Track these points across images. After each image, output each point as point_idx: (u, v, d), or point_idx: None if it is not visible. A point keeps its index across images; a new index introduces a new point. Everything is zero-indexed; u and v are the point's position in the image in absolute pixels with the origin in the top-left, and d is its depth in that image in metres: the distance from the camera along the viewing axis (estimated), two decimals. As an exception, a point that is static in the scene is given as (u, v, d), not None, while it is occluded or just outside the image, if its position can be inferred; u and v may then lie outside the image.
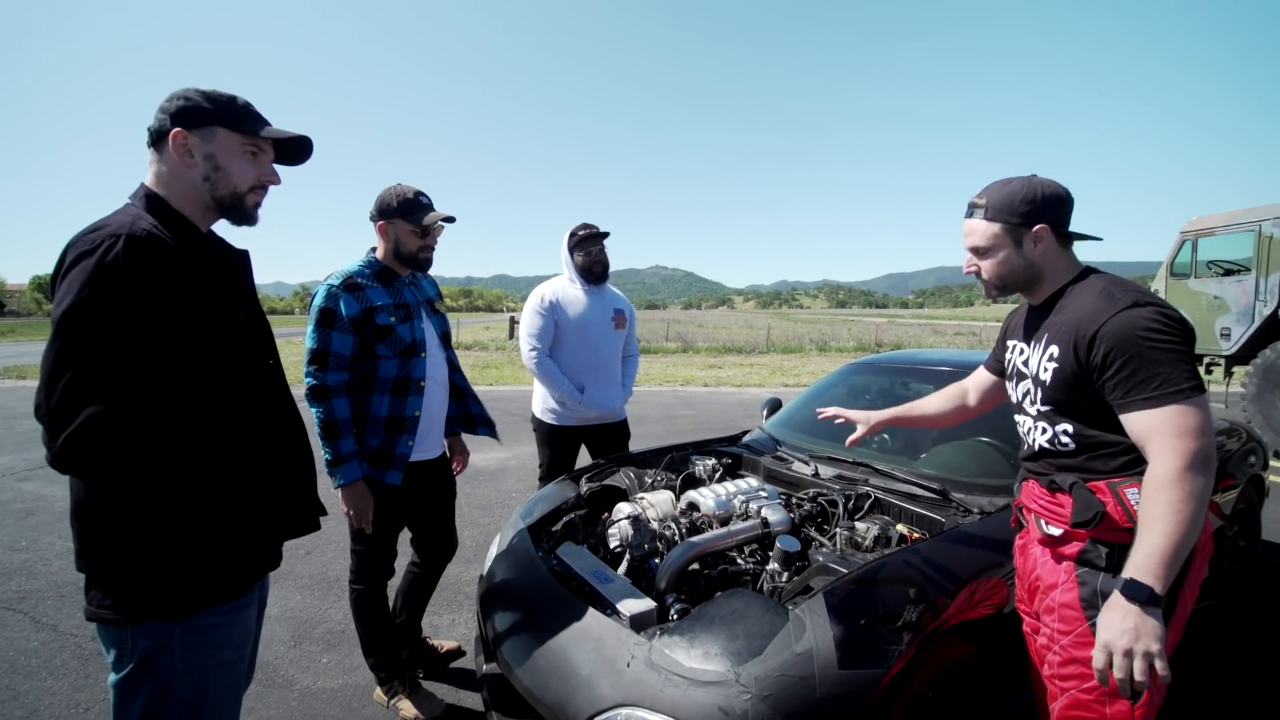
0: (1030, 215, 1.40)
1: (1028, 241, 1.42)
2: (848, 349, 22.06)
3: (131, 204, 1.21)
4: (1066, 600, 1.37)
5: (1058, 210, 1.41)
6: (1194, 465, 1.18)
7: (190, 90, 1.23)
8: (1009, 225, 1.41)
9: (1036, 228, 1.40)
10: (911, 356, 3.36)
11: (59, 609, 3.05)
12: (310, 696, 2.42)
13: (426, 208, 2.15)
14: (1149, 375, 1.24)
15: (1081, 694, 1.34)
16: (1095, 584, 1.33)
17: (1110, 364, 1.28)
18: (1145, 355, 1.24)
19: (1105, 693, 1.30)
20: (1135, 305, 1.29)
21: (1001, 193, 1.43)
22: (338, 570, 3.52)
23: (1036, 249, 1.42)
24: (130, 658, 1.14)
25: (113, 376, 1.03)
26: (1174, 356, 1.24)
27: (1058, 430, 1.42)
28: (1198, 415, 1.21)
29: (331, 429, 2.00)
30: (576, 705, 1.48)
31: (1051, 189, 1.41)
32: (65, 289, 1.05)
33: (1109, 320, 1.29)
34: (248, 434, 1.23)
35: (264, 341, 1.32)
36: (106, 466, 1.05)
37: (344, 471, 2.01)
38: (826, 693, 1.33)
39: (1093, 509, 1.32)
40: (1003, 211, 1.42)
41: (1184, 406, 1.21)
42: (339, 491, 2.04)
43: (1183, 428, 1.20)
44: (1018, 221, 1.40)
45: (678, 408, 9.49)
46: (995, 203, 1.43)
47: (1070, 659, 1.36)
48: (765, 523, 2.05)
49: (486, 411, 2.53)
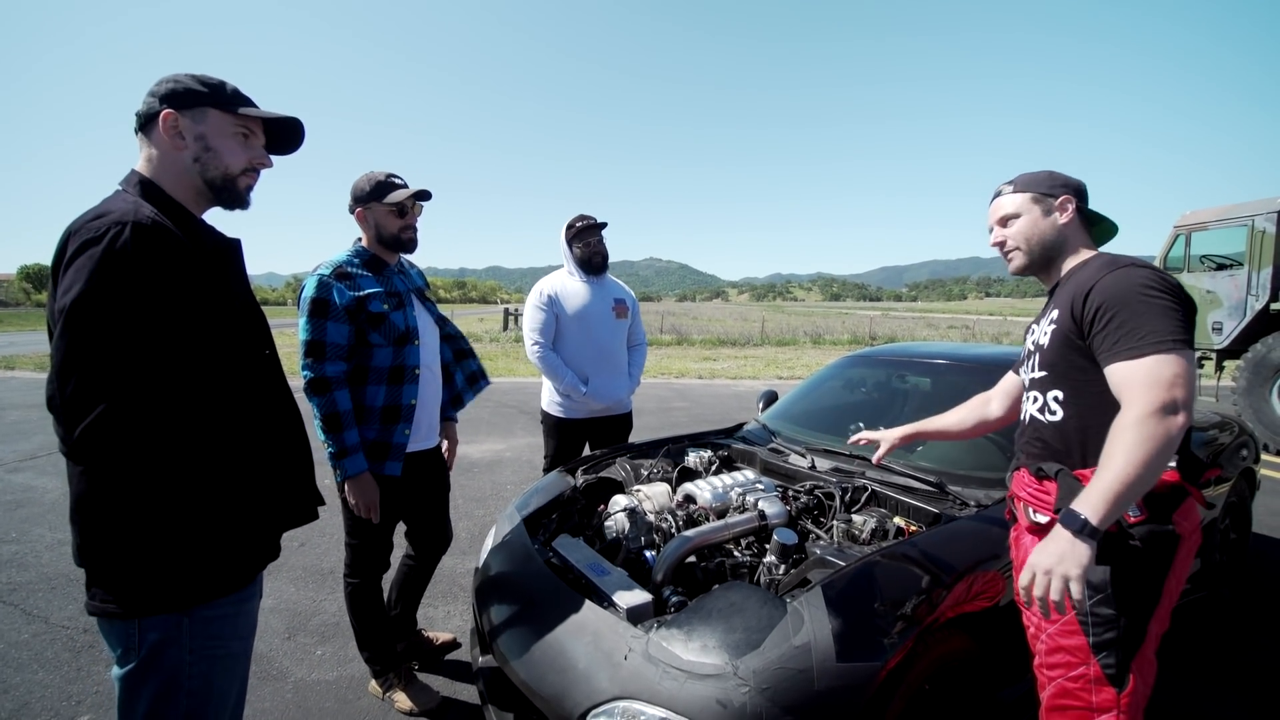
0: (1055, 189, 1.49)
1: (1055, 212, 1.49)
2: (842, 341, 22.11)
3: (126, 190, 1.18)
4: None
5: (1080, 192, 1.50)
6: (1158, 411, 1.17)
7: (180, 74, 1.22)
8: (1037, 194, 1.50)
9: (1063, 197, 1.48)
10: (907, 349, 3.36)
11: (50, 601, 3.03)
12: (305, 688, 2.41)
13: (400, 187, 2.13)
14: (1135, 327, 1.25)
15: (1068, 682, 1.36)
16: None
17: (1101, 316, 1.30)
18: (1135, 308, 1.26)
19: (1091, 680, 1.32)
20: (1133, 265, 1.33)
21: (1029, 175, 1.54)
22: (332, 562, 3.51)
23: (1062, 217, 1.48)
24: (138, 651, 1.13)
25: (126, 367, 1.02)
26: (1164, 311, 1.25)
27: (1048, 398, 1.45)
28: (1175, 366, 1.21)
29: (335, 421, 1.97)
30: (574, 698, 1.47)
31: (1073, 179, 1.51)
32: (72, 278, 1.03)
33: (1105, 276, 1.33)
34: (248, 423, 1.22)
35: (260, 331, 1.31)
36: (122, 457, 1.04)
37: (349, 464, 1.98)
38: (825, 685, 1.33)
39: (1076, 494, 1.31)
40: (1030, 185, 1.52)
41: (1164, 357, 1.21)
42: (341, 484, 2.02)
43: (1157, 377, 1.20)
44: (1044, 191, 1.50)
45: (672, 400, 9.49)
46: (1023, 179, 1.54)
47: (1057, 647, 1.38)
48: (762, 515, 2.05)
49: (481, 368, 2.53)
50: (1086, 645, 1.33)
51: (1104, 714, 1.32)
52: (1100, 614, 1.32)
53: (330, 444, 1.98)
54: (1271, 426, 6.51)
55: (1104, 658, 1.32)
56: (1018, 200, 1.52)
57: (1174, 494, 1.33)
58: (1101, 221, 1.54)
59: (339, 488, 2.14)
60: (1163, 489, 1.33)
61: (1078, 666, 1.34)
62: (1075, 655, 1.35)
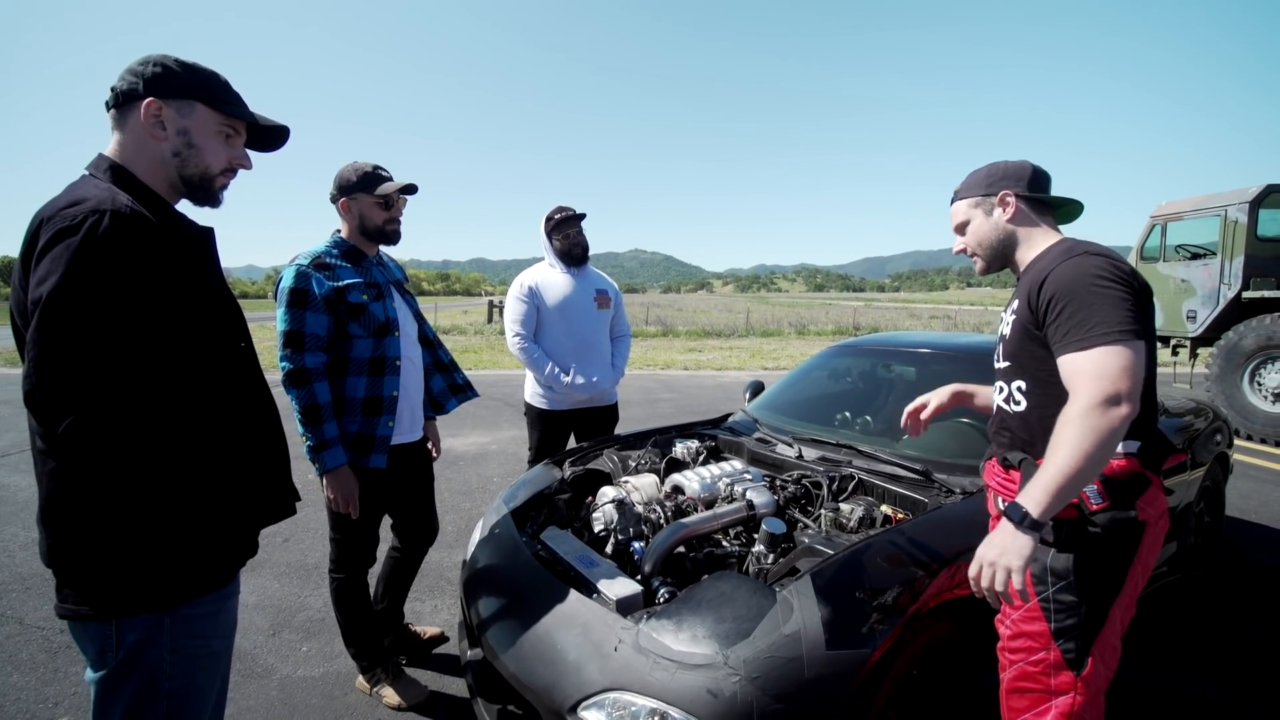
0: (993, 185, 1.51)
1: (996, 210, 1.50)
2: (826, 332, 22.26)
3: (94, 175, 1.13)
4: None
5: (1020, 179, 1.49)
6: (1102, 403, 1.18)
7: (168, 58, 1.15)
8: (976, 198, 1.53)
9: (1000, 194, 1.49)
10: (893, 339, 3.38)
11: (25, 601, 2.96)
12: (290, 685, 2.38)
13: (387, 180, 2.11)
14: (1085, 318, 1.25)
15: (1029, 666, 1.38)
16: (1045, 560, 1.35)
17: (1054, 307, 1.30)
18: (1085, 299, 1.26)
19: (1050, 665, 1.35)
20: (1087, 254, 1.32)
21: (970, 177, 1.57)
22: (315, 557, 3.47)
23: (1005, 215, 1.49)
24: (115, 653, 1.09)
25: (107, 361, 0.99)
26: (1114, 301, 1.24)
27: (1013, 388, 1.46)
28: (1121, 357, 1.21)
29: (314, 414, 1.94)
30: (564, 690, 1.47)
31: (1015, 163, 1.51)
32: (47, 268, 0.98)
33: (1059, 266, 1.33)
34: (225, 417, 1.19)
35: (235, 323, 1.27)
36: (105, 453, 1.01)
37: (328, 457, 1.95)
38: (815, 673, 1.34)
39: None
40: (970, 188, 1.55)
41: (1111, 348, 1.21)
42: (321, 478, 1.99)
43: (1103, 368, 1.21)
44: (983, 193, 1.52)
45: (658, 391, 9.50)
46: (965, 184, 1.57)
47: (1019, 632, 1.40)
48: (750, 505, 2.05)
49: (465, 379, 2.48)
50: (1048, 631, 1.35)
51: (1061, 696, 1.35)
52: (1062, 601, 1.33)
53: (309, 437, 1.95)
54: (1243, 412, 6.68)
55: (1064, 643, 1.33)
56: (962, 208, 1.56)
57: (1135, 481, 1.34)
58: (1064, 204, 1.53)
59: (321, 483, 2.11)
60: (1124, 475, 1.33)
61: (1038, 652, 1.37)
62: (1036, 641, 1.37)
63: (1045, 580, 1.35)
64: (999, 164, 1.52)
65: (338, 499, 2.00)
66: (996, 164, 1.53)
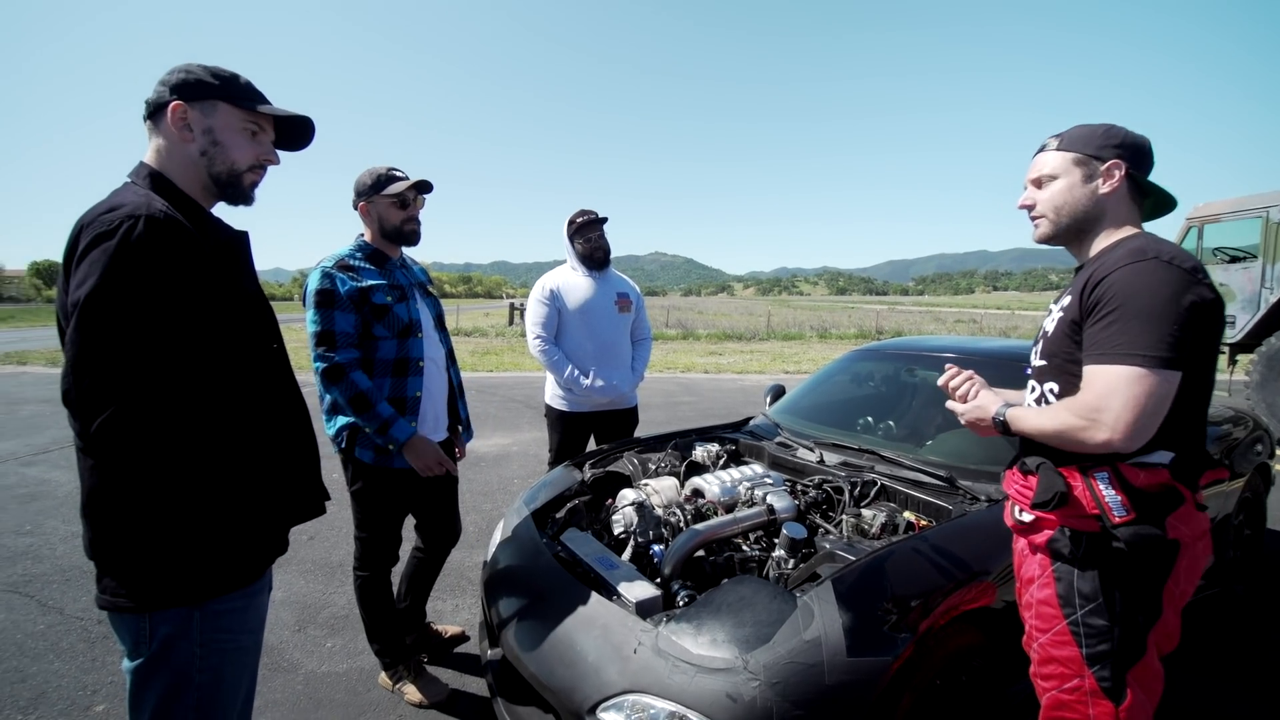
0: (1106, 150, 1.31)
1: (1098, 177, 1.32)
2: (848, 336, 22.04)
3: (135, 183, 1.18)
4: (1043, 597, 1.32)
5: (1137, 156, 1.31)
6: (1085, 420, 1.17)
7: (192, 64, 1.20)
8: (1082, 155, 1.33)
9: (1111, 162, 1.30)
10: (916, 343, 3.33)
11: (65, 592, 3.06)
12: (316, 680, 2.42)
13: (401, 180, 2.15)
14: (1119, 331, 1.16)
15: (1063, 694, 1.30)
16: (1072, 579, 1.27)
17: (1100, 310, 1.20)
18: (1131, 311, 1.16)
19: (1087, 693, 1.26)
20: (1158, 260, 1.18)
21: (1080, 129, 1.36)
22: (340, 555, 3.53)
23: (1104, 186, 1.31)
24: (149, 645, 1.13)
25: (140, 361, 1.02)
26: (1159, 320, 1.14)
27: (1045, 389, 1.37)
28: (1135, 384, 1.13)
29: (362, 401, 1.98)
30: (583, 691, 1.48)
31: (1136, 136, 1.32)
32: (85, 272, 1.02)
33: (1124, 268, 1.20)
34: (257, 417, 1.22)
35: (268, 325, 1.31)
36: (137, 451, 1.04)
37: (396, 432, 2.00)
38: (835, 680, 1.33)
39: (1053, 489, 1.25)
40: (1078, 142, 1.34)
41: (1128, 370, 1.14)
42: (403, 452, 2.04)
43: (1109, 386, 1.14)
44: (1091, 153, 1.32)
45: (679, 394, 9.49)
46: (1072, 135, 1.35)
47: (1049, 657, 1.31)
48: (771, 509, 2.04)
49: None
50: (1080, 657, 1.26)
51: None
52: (1093, 625, 1.24)
53: (369, 422, 1.99)
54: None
55: (1099, 670, 1.24)
56: (1058, 160, 1.35)
57: (1166, 495, 1.21)
58: (1156, 192, 1.36)
59: (347, 481, 2.15)
60: (1153, 489, 1.21)
61: (1071, 679, 1.27)
62: (1068, 667, 1.28)
63: (1073, 602, 1.26)
64: (1118, 128, 1.32)
65: (427, 465, 2.06)
66: (1115, 127, 1.32)
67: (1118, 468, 1.22)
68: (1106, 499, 1.21)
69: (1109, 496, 1.21)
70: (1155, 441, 1.19)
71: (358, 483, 2.12)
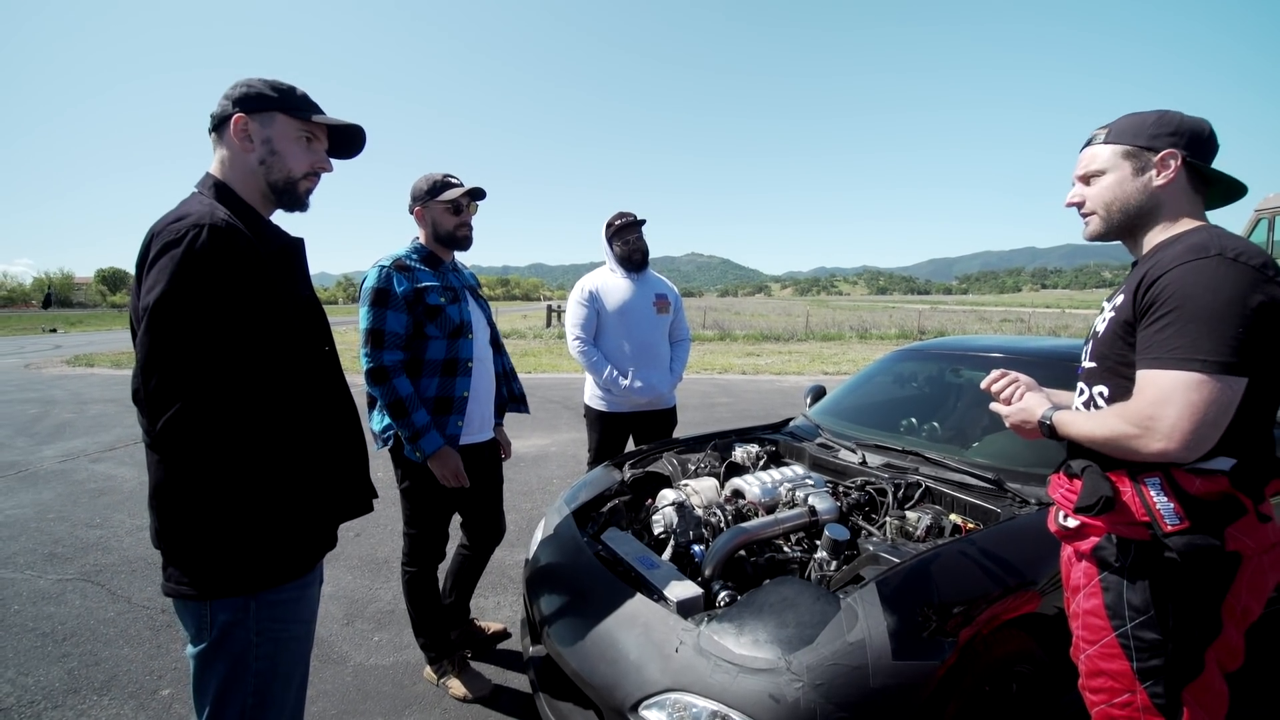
0: (1158, 139, 1.23)
1: (1151, 169, 1.23)
2: (889, 336, 21.57)
3: (201, 192, 1.25)
4: (1090, 607, 1.27)
5: (1195, 142, 1.22)
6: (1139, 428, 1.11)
7: (254, 79, 1.27)
8: (1132, 148, 1.25)
9: (1165, 152, 1.22)
10: (961, 343, 3.25)
11: (131, 582, 3.23)
12: (364, 673, 2.50)
13: (456, 186, 2.21)
14: (1177, 333, 1.08)
15: (1113, 709, 1.24)
16: (1121, 589, 1.21)
17: (1156, 311, 1.13)
18: (1191, 313, 1.08)
19: (1139, 709, 1.20)
20: (1222, 258, 1.10)
21: (1129, 119, 1.28)
22: (386, 552, 3.63)
23: (1159, 178, 1.22)
24: (210, 631, 1.19)
25: (205, 363, 1.08)
26: (1222, 322, 1.06)
27: (1094, 392, 1.30)
28: (1195, 391, 1.06)
29: (400, 408, 2.04)
30: (625, 689, 1.49)
31: (1192, 121, 1.23)
32: (154, 278, 1.09)
33: (1183, 265, 1.12)
34: (310, 417, 1.27)
35: (320, 328, 1.36)
36: (200, 447, 1.10)
37: (425, 443, 2.06)
38: (880, 684, 1.31)
39: (1098, 494, 1.19)
40: (1126, 133, 1.26)
41: (1186, 376, 1.07)
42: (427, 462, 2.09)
43: (1165, 394, 1.07)
44: (1142, 145, 1.24)
45: (716, 395, 9.44)
46: (1120, 126, 1.28)
47: (1097, 670, 1.26)
48: (813, 511, 2.03)
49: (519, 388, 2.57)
50: (1130, 671, 1.20)
51: None
52: (1144, 638, 1.18)
53: (403, 429, 2.05)
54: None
55: (1151, 685, 1.18)
56: (1105, 154, 1.27)
57: (1225, 504, 1.13)
58: (1221, 179, 1.26)
59: (397, 479, 2.21)
60: (1211, 496, 1.13)
61: (1122, 693, 1.21)
62: (1118, 680, 1.22)
63: (1122, 614, 1.20)
64: (1172, 114, 1.23)
65: (446, 476, 2.10)
66: (1169, 113, 1.23)
67: (1171, 473, 1.15)
68: (1158, 506, 1.15)
69: (1160, 503, 1.14)
70: (1215, 448, 1.11)
71: (407, 481, 2.19)
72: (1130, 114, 1.29)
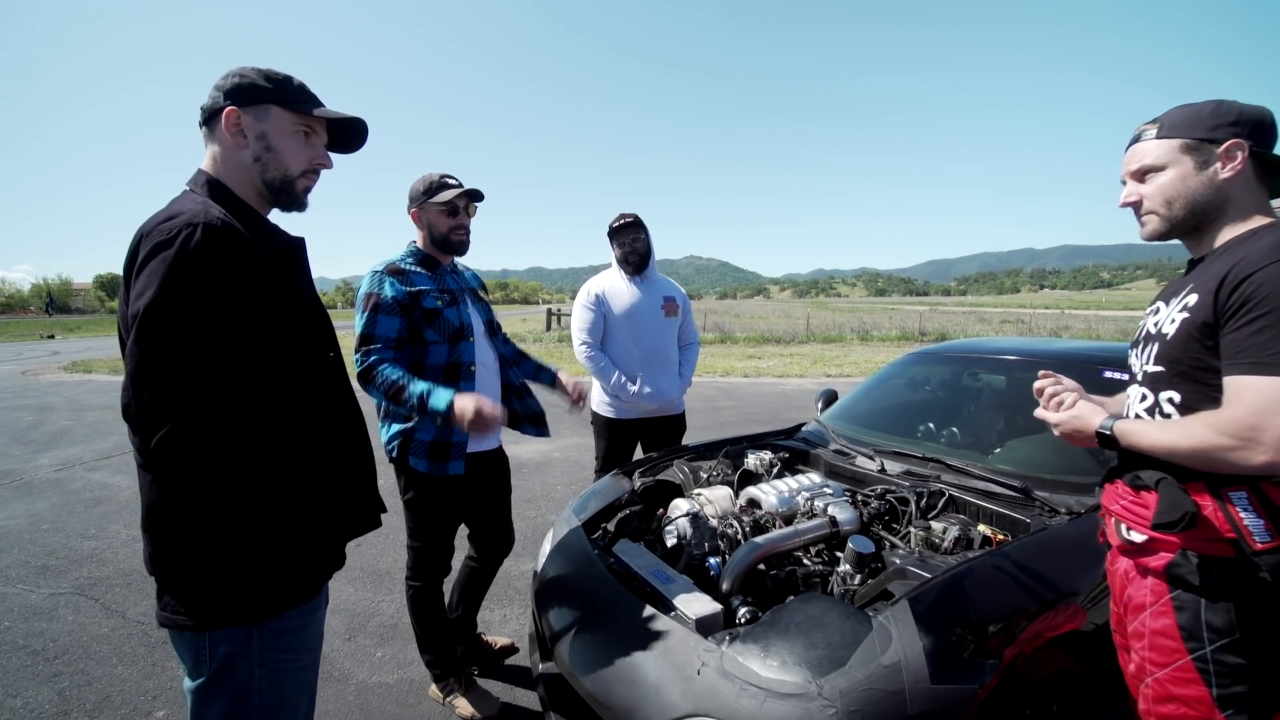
0: (1219, 130, 1.16)
1: (1215, 161, 1.16)
2: (891, 338, 21.51)
3: (194, 190, 1.17)
4: (1159, 627, 1.19)
5: (1259, 131, 1.16)
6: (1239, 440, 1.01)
7: (246, 68, 1.19)
8: (1191, 141, 1.18)
9: (1230, 142, 1.15)
10: (977, 345, 3.18)
11: (126, 596, 3.15)
12: (367, 691, 2.42)
13: (453, 188, 2.13)
14: (1275, 336, 1.02)
15: None
16: (1198, 609, 1.13)
17: (1247, 312, 1.05)
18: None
19: None
20: None
21: (1181, 111, 1.20)
22: (388, 563, 3.55)
23: (1225, 170, 1.16)
24: (209, 664, 1.11)
25: (200, 374, 1.00)
26: None
27: (1160, 398, 1.21)
28: None
29: (397, 390, 1.86)
30: (645, 713, 1.41)
31: (1254, 109, 1.17)
32: (144, 282, 1.00)
33: (1272, 265, 1.05)
34: (314, 427, 1.19)
35: (324, 332, 1.28)
36: (198, 466, 1.02)
37: (435, 401, 1.80)
38: (918, 710, 1.23)
39: (1181, 509, 1.11)
40: (1182, 126, 1.19)
41: None
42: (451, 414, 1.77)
43: (1270, 401, 0.99)
44: (1203, 136, 1.17)
45: (719, 399, 9.36)
46: (1173, 119, 1.20)
47: (1168, 695, 1.18)
48: (833, 521, 1.95)
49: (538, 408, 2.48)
50: (1210, 698, 1.13)
51: None
52: (1225, 662, 1.11)
53: (409, 409, 1.86)
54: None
55: (1233, 715, 1.11)
56: (1162, 149, 1.20)
57: None
58: None
59: (400, 490, 2.13)
60: None
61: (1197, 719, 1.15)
62: (1194, 708, 1.14)
63: (1200, 635, 1.13)
64: (1229, 103, 1.17)
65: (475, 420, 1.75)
66: (1226, 102, 1.17)
67: (1259, 487, 1.08)
68: (1245, 522, 1.07)
69: (1248, 520, 1.07)
70: None
71: (410, 492, 2.10)
72: (1181, 106, 1.22)
